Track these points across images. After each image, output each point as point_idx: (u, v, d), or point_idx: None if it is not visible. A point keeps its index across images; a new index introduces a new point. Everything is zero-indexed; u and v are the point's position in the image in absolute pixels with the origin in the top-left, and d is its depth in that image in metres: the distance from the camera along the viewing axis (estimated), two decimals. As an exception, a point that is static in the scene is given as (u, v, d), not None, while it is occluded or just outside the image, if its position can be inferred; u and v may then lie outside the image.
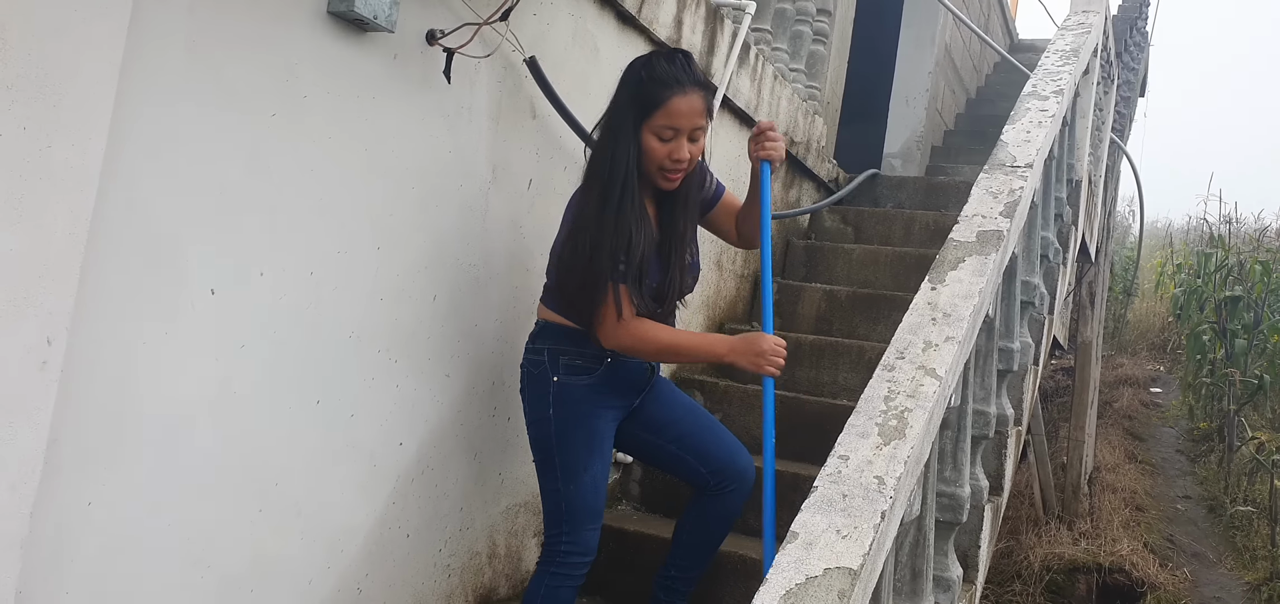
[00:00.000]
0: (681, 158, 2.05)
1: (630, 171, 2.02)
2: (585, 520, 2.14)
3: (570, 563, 2.14)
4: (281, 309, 1.88)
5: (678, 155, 2.04)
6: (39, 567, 1.51)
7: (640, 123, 2.03)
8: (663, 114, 2.02)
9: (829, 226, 4.57)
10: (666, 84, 2.02)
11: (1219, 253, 8.21)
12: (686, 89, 2.02)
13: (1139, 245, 8.79)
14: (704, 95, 2.06)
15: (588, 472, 2.14)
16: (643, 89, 2.04)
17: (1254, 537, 5.68)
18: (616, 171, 2.02)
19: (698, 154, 2.09)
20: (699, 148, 2.09)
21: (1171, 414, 8.15)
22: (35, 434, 1.43)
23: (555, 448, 2.14)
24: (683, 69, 2.04)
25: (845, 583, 1.33)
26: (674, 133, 2.03)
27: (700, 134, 2.07)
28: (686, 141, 2.05)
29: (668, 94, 2.02)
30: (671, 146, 2.04)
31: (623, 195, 2.00)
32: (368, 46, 1.99)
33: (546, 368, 2.14)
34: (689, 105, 2.03)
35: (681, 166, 2.06)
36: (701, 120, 2.05)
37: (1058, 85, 3.17)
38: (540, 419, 2.16)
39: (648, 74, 2.05)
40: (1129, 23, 6.54)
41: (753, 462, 2.33)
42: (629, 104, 2.05)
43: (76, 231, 1.44)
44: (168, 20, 1.59)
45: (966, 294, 2.03)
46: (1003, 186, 2.49)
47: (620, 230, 2.00)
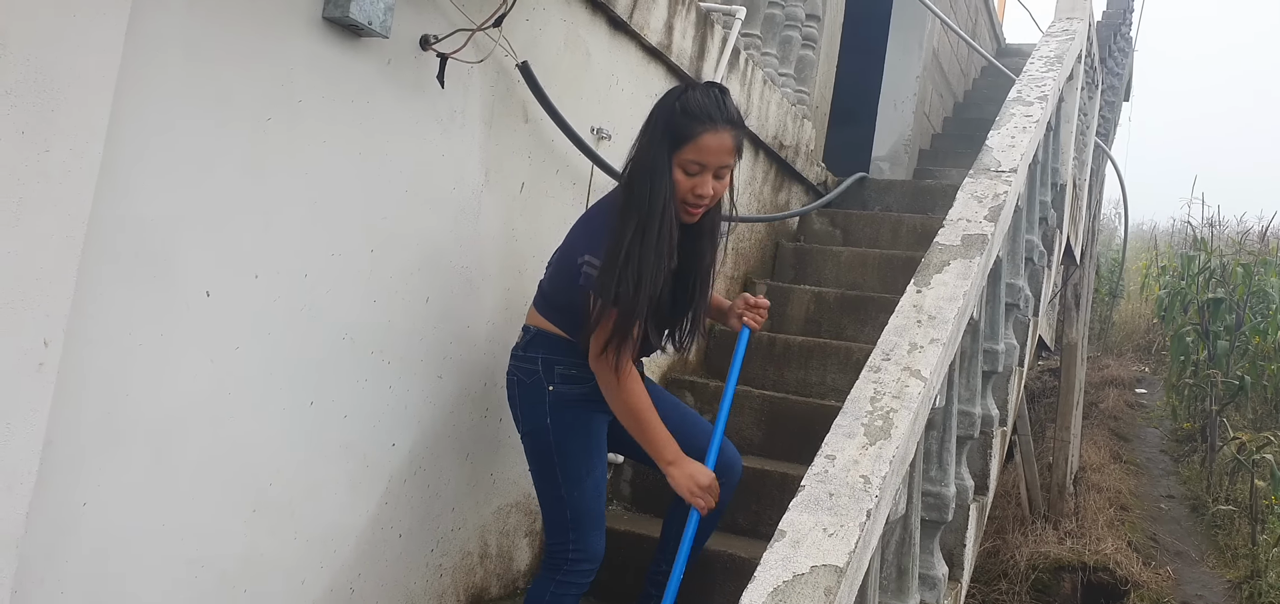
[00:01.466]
0: (705, 194, 2.00)
1: (669, 206, 1.97)
2: (591, 526, 2.15)
3: (579, 570, 2.15)
4: (276, 311, 1.90)
5: (701, 191, 1.99)
6: (35, 567, 1.53)
7: (671, 154, 1.98)
8: (692, 148, 1.96)
9: (817, 229, 4.60)
10: (700, 119, 1.96)
11: (1202, 256, 8.31)
12: (719, 127, 1.97)
13: (1124, 248, 8.87)
14: (735, 133, 2.00)
15: (591, 476, 2.14)
16: (675, 120, 1.98)
17: (1235, 535, 5.76)
18: (655, 206, 1.96)
19: (722, 191, 2.04)
20: (724, 185, 2.04)
21: (1156, 415, 8.24)
22: (31, 435, 1.44)
23: (556, 457, 2.13)
24: (717, 105, 1.99)
25: (831, 580, 1.36)
26: (700, 168, 1.98)
27: (726, 172, 2.02)
28: (712, 178, 1.99)
29: (700, 129, 1.96)
30: (696, 181, 1.99)
31: (660, 231, 1.95)
32: (362, 52, 2.01)
33: (541, 377, 2.13)
34: (719, 143, 1.97)
35: (704, 202, 2.02)
36: (730, 158, 2.00)
37: (1042, 91, 3.21)
38: (537, 430, 2.15)
39: (682, 106, 1.99)
40: (1113, 28, 6.61)
41: (739, 456, 2.34)
42: (663, 134, 1.99)
43: (73, 234, 1.46)
44: (165, 26, 1.60)
45: (951, 297, 2.06)
46: (987, 191, 2.53)
47: (657, 267, 1.96)
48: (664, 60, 3.18)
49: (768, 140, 4.10)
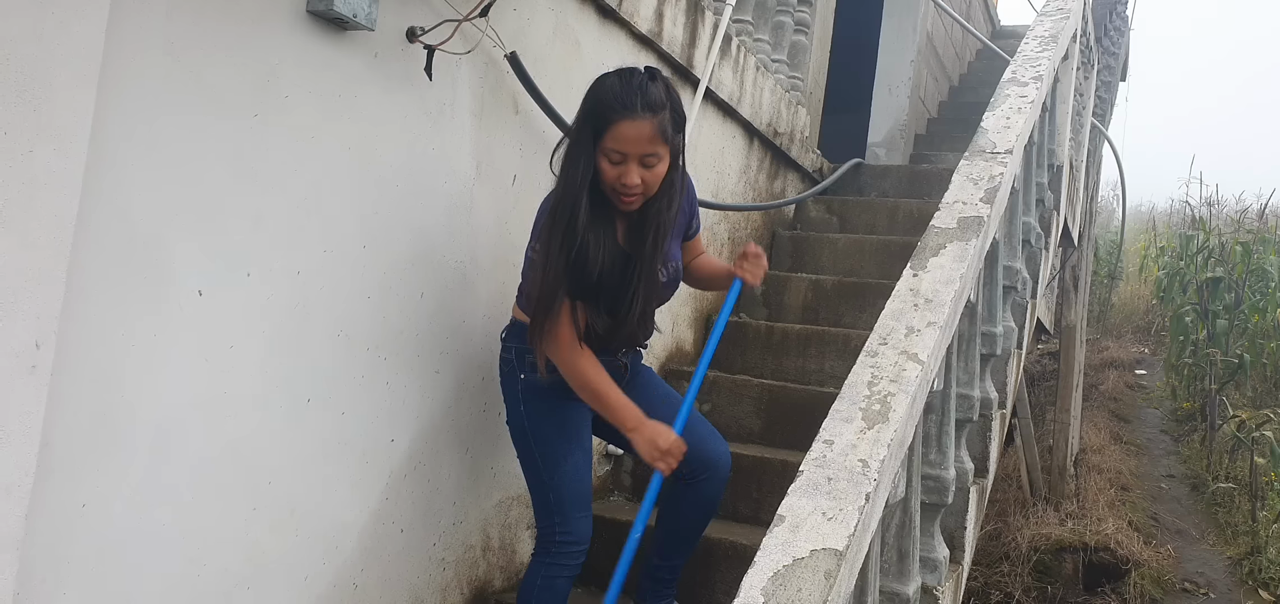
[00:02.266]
0: (630, 184, 1.94)
1: (580, 191, 1.94)
2: (574, 508, 2.16)
3: (566, 552, 2.17)
4: (269, 309, 1.89)
5: (625, 180, 1.94)
6: (36, 568, 1.52)
7: (595, 141, 1.95)
8: (611, 137, 1.92)
9: (814, 216, 4.59)
10: (613, 107, 1.92)
11: (1201, 235, 8.30)
12: (636, 114, 1.90)
13: (1122, 229, 8.86)
14: (656, 120, 1.92)
15: (568, 460, 2.16)
16: (595, 109, 1.95)
17: (1235, 513, 5.77)
18: (568, 190, 1.96)
19: (654, 180, 1.97)
20: (655, 174, 1.96)
21: (1156, 395, 8.24)
22: (27, 437, 1.44)
23: (533, 443, 2.17)
24: (637, 91, 1.92)
25: (831, 563, 1.36)
26: (622, 156, 1.93)
27: (654, 161, 1.95)
28: (637, 166, 1.93)
29: (614, 118, 1.91)
30: (620, 171, 1.94)
31: (571, 215, 1.94)
32: (348, 45, 2.00)
33: (514, 366, 2.17)
34: (636, 132, 1.91)
35: (633, 191, 1.95)
36: (652, 147, 1.93)
37: (1037, 71, 3.20)
38: (515, 417, 2.20)
39: (602, 92, 1.96)
40: (1109, 7, 6.59)
41: (727, 449, 2.32)
42: (584, 122, 1.97)
43: (61, 235, 1.45)
44: (146, 24, 1.59)
45: (948, 280, 2.06)
46: (983, 173, 2.52)
47: (568, 249, 1.95)
48: (655, 48, 3.16)
49: (762, 128, 4.09)
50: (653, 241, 2.04)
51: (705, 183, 3.68)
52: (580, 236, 1.95)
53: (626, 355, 2.25)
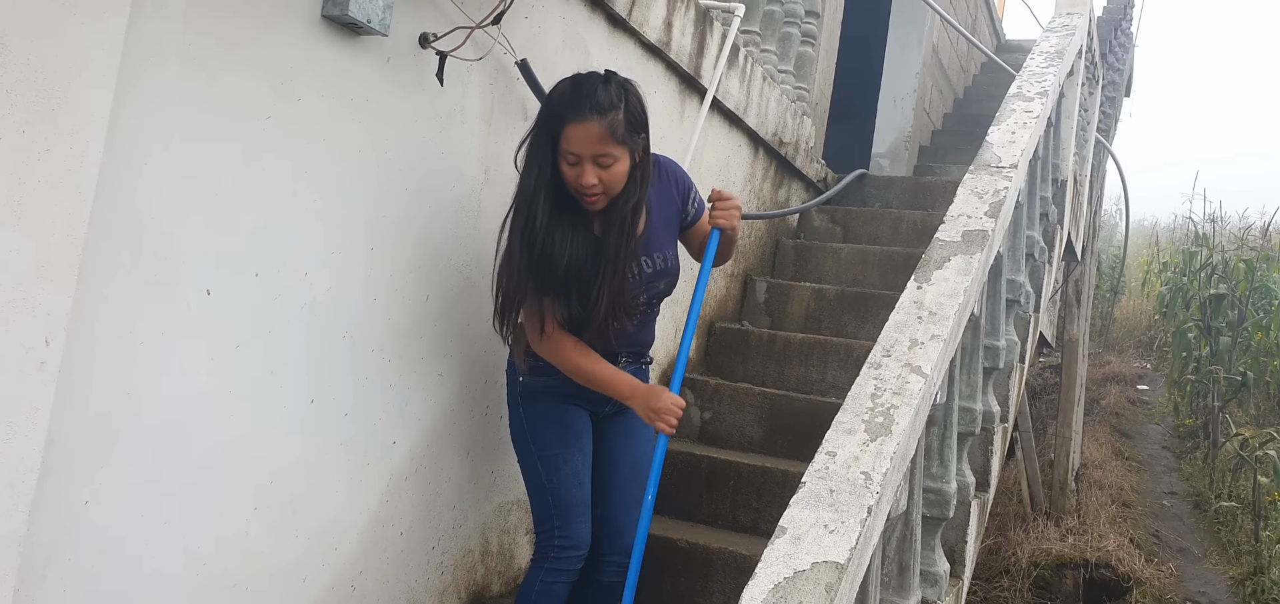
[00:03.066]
0: (587, 184, 1.99)
1: (536, 192, 2.01)
2: (573, 513, 2.17)
3: (565, 557, 2.17)
4: (276, 309, 1.90)
5: (582, 181, 1.98)
6: (37, 565, 1.53)
7: (553, 145, 2.01)
8: (564, 139, 1.98)
9: (818, 226, 4.60)
10: (563, 112, 1.98)
11: (1204, 251, 8.29)
12: (583, 116, 1.96)
13: (1125, 244, 8.86)
14: (605, 122, 1.96)
15: (568, 464, 2.17)
16: (549, 112, 2.02)
17: (1238, 532, 5.76)
18: (525, 192, 2.04)
19: (612, 180, 2.01)
20: (612, 174, 2.00)
21: (1158, 411, 8.23)
22: (33, 433, 1.44)
23: (532, 445, 2.20)
24: (585, 95, 1.98)
25: (832, 576, 1.36)
26: (577, 158, 1.98)
27: (609, 161, 1.99)
28: (592, 167, 1.98)
29: (565, 121, 1.98)
30: (576, 172, 1.99)
31: (529, 214, 2.01)
32: (361, 50, 2.01)
33: (516, 368, 2.22)
34: (584, 133, 1.96)
35: (592, 191, 2.00)
36: (602, 147, 1.97)
37: (1042, 86, 3.21)
38: (514, 419, 2.24)
39: (554, 97, 2.03)
40: (1113, 24, 6.60)
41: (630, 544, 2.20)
42: (542, 126, 2.04)
43: (74, 233, 1.46)
44: (164, 26, 1.61)
45: (952, 293, 2.06)
46: (988, 187, 2.53)
47: (530, 247, 2.01)
48: (663, 57, 3.17)
49: (767, 137, 4.10)
50: (617, 237, 2.06)
51: (710, 190, 3.68)
52: (541, 234, 2.01)
53: (627, 365, 2.24)
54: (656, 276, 2.20)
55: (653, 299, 2.24)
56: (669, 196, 2.25)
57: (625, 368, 2.22)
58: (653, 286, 2.20)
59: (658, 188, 2.22)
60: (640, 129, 2.05)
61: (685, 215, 2.29)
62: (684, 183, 2.29)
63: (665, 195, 2.24)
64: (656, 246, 2.19)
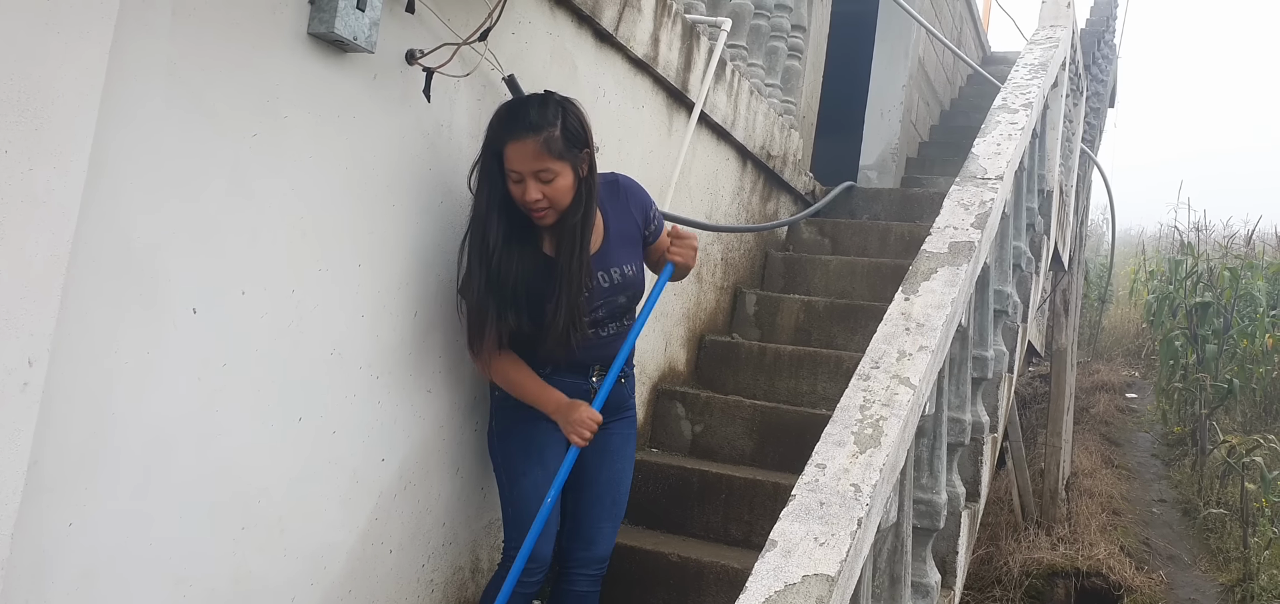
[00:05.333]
0: (531, 200, 2.08)
1: (489, 212, 2.11)
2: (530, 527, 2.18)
3: (521, 569, 2.19)
4: (263, 327, 1.89)
5: (527, 197, 2.08)
6: (20, 588, 1.51)
7: (499, 164, 2.11)
8: (505, 157, 2.09)
9: (807, 238, 4.62)
10: (499, 132, 2.10)
11: (1189, 260, 8.36)
12: (519, 135, 2.07)
13: (1111, 253, 8.92)
14: (540, 139, 2.06)
15: (527, 476, 2.24)
16: (489, 135, 2.14)
17: (1227, 539, 5.78)
18: (478, 213, 2.14)
19: (556, 194, 2.10)
20: (556, 189, 2.09)
21: (1146, 419, 8.27)
22: (16, 455, 1.43)
23: (500, 456, 2.32)
24: (520, 116, 2.09)
25: (823, 589, 1.36)
26: (519, 175, 2.08)
27: (550, 176, 2.08)
28: (534, 182, 2.07)
29: (502, 140, 2.09)
30: (520, 189, 2.09)
31: (483, 234, 2.11)
32: (348, 67, 2.01)
33: (493, 383, 2.31)
34: (521, 151, 2.06)
35: (537, 207, 2.09)
36: (540, 163, 2.06)
37: (1027, 98, 3.24)
38: (489, 430, 2.38)
39: (494, 119, 2.14)
40: (1096, 36, 6.67)
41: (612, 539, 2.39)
42: (486, 146, 2.14)
43: (58, 253, 1.45)
44: (149, 45, 1.60)
45: (939, 304, 2.07)
46: (974, 198, 2.54)
47: (486, 266, 2.11)
48: (650, 72, 3.19)
49: (755, 150, 4.12)
50: (567, 249, 2.15)
51: (699, 204, 3.70)
52: (494, 254, 2.11)
53: (602, 377, 2.30)
54: (614, 290, 2.26)
55: (614, 313, 2.29)
56: (626, 213, 2.32)
57: (598, 379, 2.30)
58: (612, 300, 2.27)
59: (614, 204, 2.30)
60: (580, 144, 2.13)
61: (645, 233, 2.37)
62: (642, 201, 2.36)
63: (622, 211, 2.31)
64: (614, 261, 2.26)
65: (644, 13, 3.06)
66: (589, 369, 2.29)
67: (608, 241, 2.26)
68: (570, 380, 2.27)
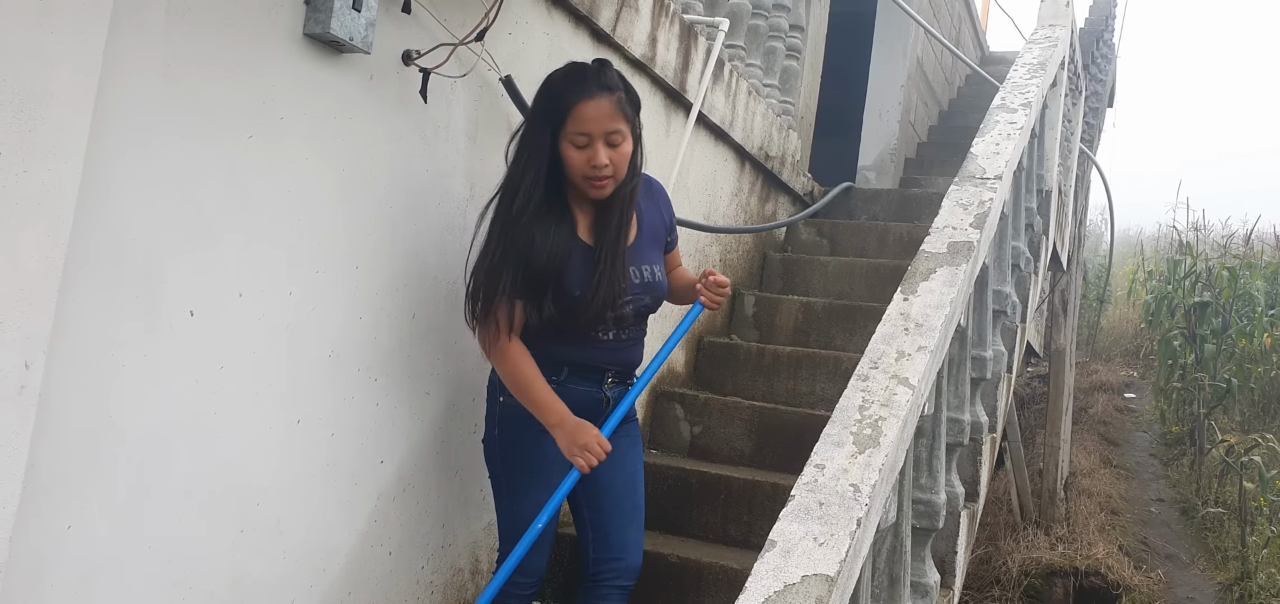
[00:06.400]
0: (600, 163, 2.01)
1: (527, 177, 2.02)
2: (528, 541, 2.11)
3: (515, 583, 2.15)
4: (261, 329, 1.89)
5: (596, 161, 2.01)
6: (18, 591, 1.51)
7: (556, 134, 2.02)
8: (573, 120, 2.00)
9: (805, 239, 4.62)
10: (571, 91, 2.02)
11: (1188, 260, 8.36)
12: (594, 93, 2.00)
13: (1110, 253, 8.93)
14: (614, 99, 2.02)
15: (530, 497, 2.14)
16: (552, 98, 2.04)
17: (1225, 538, 5.78)
18: (512, 180, 2.05)
19: (621, 160, 2.04)
20: (621, 154, 2.04)
21: (1145, 419, 8.27)
22: (13, 459, 1.42)
23: (500, 467, 2.21)
24: (593, 75, 2.03)
25: (823, 590, 1.35)
26: (587, 139, 2.01)
27: (619, 139, 2.03)
28: (603, 146, 2.01)
29: (574, 99, 2.00)
30: (589, 153, 2.01)
31: (515, 202, 2.02)
32: (344, 68, 2.01)
33: (496, 387, 2.20)
34: (597, 109, 2.00)
35: (603, 172, 2.02)
36: (614, 124, 2.01)
37: (1026, 98, 3.24)
38: (488, 438, 2.24)
39: (556, 82, 2.06)
40: (1095, 35, 6.67)
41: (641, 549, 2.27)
42: (543, 116, 2.05)
43: (53, 255, 1.45)
44: (144, 45, 1.60)
45: (938, 304, 2.07)
46: (973, 198, 2.54)
47: (522, 241, 2.01)
48: (648, 73, 3.18)
49: (753, 151, 4.11)
50: (617, 226, 2.08)
51: (697, 205, 3.70)
52: (524, 217, 2.01)
53: (613, 386, 2.21)
54: (643, 289, 2.18)
55: (639, 312, 2.21)
56: (657, 214, 2.27)
57: (611, 390, 2.20)
58: (639, 299, 2.18)
59: (648, 202, 2.24)
60: (638, 110, 2.10)
61: (667, 240, 2.32)
62: (669, 206, 2.32)
63: (654, 212, 2.26)
64: (644, 259, 2.19)
65: (641, 12, 3.06)
66: (604, 376, 2.18)
67: (640, 237, 2.20)
68: (583, 388, 2.16)
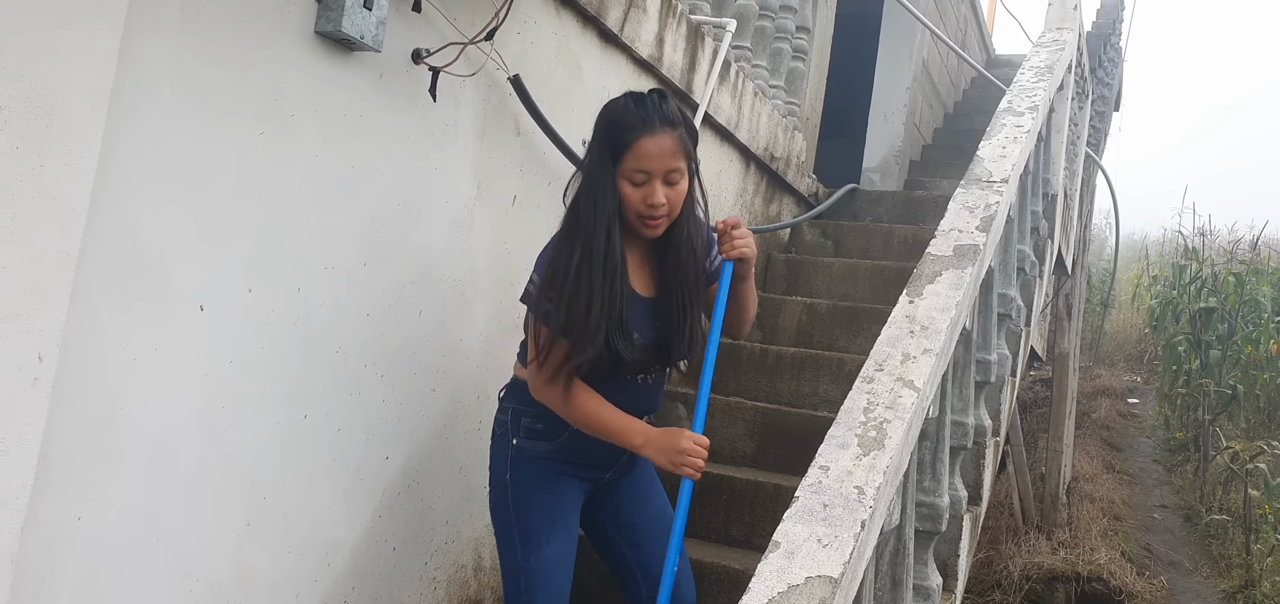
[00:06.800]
0: (658, 203, 1.86)
1: (613, 221, 1.86)
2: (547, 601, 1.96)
3: None
4: (269, 325, 1.90)
5: (653, 200, 1.86)
6: (29, 582, 1.52)
7: (614, 168, 1.87)
8: (632, 156, 1.85)
9: (809, 240, 4.62)
10: (633, 125, 1.85)
11: (1193, 265, 8.34)
12: (656, 129, 1.85)
13: (1115, 258, 8.92)
14: (677, 134, 1.87)
15: (550, 544, 1.97)
16: (611, 133, 1.88)
17: (1229, 545, 5.77)
18: (598, 226, 1.85)
19: (678, 199, 1.90)
20: (678, 192, 1.89)
21: (1148, 424, 8.26)
22: (26, 450, 1.44)
23: (513, 516, 1.99)
24: (654, 108, 1.88)
25: (826, 591, 1.36)
26: (646, 176, 1.85)
27: (677, 177, 1.88)
28: (661, 185, 1.86)
29: (634, 135, 1.85)
30: (646, 191, 1.86)
31: (607, 252, 1.85)
32: (354, 66, 2.02)
33: (508, 429, 2.02)
34: (658, 146, 1.85)
35: (659, 212, 1.87)
36: (675, 162, 1.86)
37: (1032, 101, 3.24)
38: (498, 484, 2.02)
39: (616, 116, 1.90)
40: (1103, 39, 6.67)
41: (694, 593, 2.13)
42: (601, 149, 1.89)
43: (67, 249, 1.46)
44: (158, 43, 1.61)
45: (943, 307, 2.07)
46: (979, 201, 2.54)
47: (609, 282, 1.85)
48: (655, 73, 3.19)
49: (758, 152, 4.12)
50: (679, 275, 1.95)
51: (704, 207, 3.70)
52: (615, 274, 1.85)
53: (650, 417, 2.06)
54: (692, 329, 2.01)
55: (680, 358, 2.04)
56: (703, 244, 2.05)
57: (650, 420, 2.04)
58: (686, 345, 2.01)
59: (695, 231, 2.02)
60: (696, 144, 1.95)
61: (708, 270, 2.06)
62: (709, 233, 2.07)
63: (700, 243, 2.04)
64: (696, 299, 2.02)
65: (649, 13, 3.07)
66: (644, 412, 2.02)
67: None
68: None
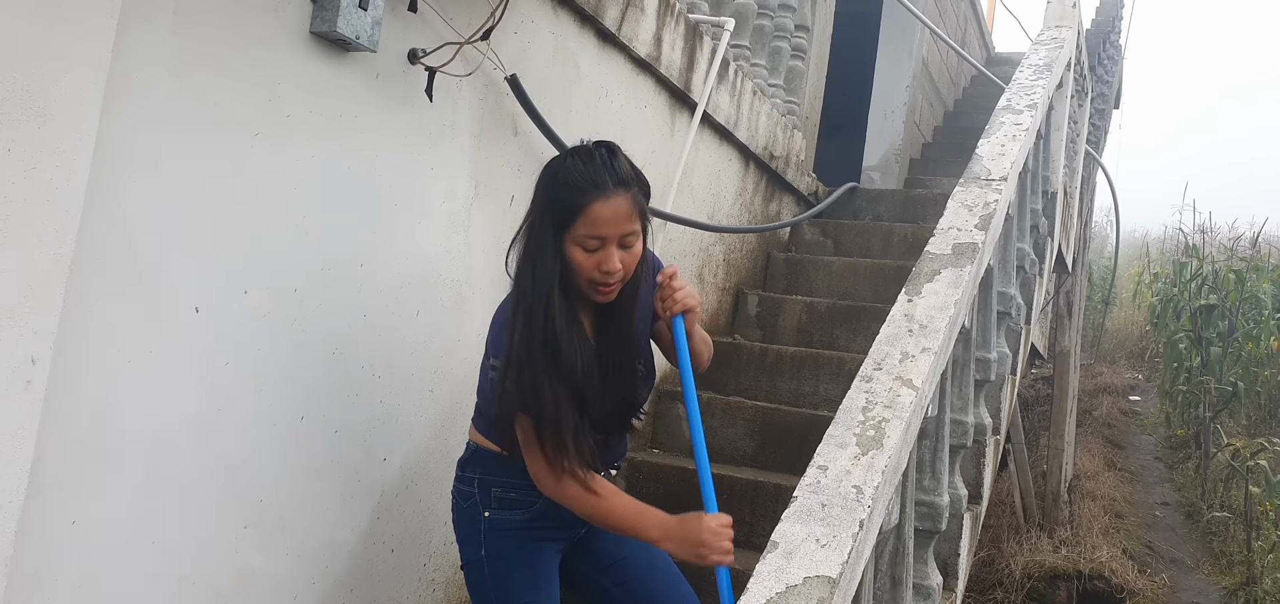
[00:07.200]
0: (612, 270, 1.69)
1: (552, 289, 1.69)
2: None
3: None
4: (265, 326, 1.90)
5: (607, 266, 1.69)
6: (23, 586, 1.52)
7: (561, 233, 1.69)
8: (584, 222, 1.67)
9: (809, 239, 4.61)
10: (583, 188, 1.67)
11: (1194, 262, 8.33)
12: (609, 191, 1.67)
13: (1115, 255, 8.91)
14: (631, 195, 1.69)
15: None
16: (558, 196, 1.69)
17: (1230, 542, 5.76)
18: (539, 290, 1.68)
19: (632, 262, 1.73)
20: (633, 255, 1.72)
21: (1149, 422, 8.25)
22: (19, 453, 1.43)
23: (493, 591, 1.86)
24: (604, 168, 1.69)
25: (825, 591, 1.35)
26: (600, 242, 1.68)
27: (633, 240, 1.71)
28: (616, 249, 1.69)
29: (586, 200, 1.66)
30: (600, 257, 1.69)
31: (546, 317, 1.68)
32: (350, 66, 2.01)
33: (476, 502, 1.87)
34: (613, 210, 1.67)
35: (613, 279, 1.71)
36: (630, 225, 1.69)
37: (1032, 99, 3.23)
38: (473, 562, 1.88)
39: (563, 178, 1.70)
40: (1102, 36, 6.65)
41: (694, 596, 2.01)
42: (545, 213, 1.70)
43: (61, 251, 1.45)
44: (152, 42, 1.60)
45: (942, 306, 2.06)
46: (978, 200, 2.54)
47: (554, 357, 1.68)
48: (653, 72, 3.18)
49: (758, 151, 4.11)
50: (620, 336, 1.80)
51: (702, 205, 3.70)
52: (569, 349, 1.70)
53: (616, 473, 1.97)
54: (646, 378, 1.91)
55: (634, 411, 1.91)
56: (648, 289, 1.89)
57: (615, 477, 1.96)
58: (642, 390, 1.90)
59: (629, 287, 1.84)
60: (649, 198, 1.77)
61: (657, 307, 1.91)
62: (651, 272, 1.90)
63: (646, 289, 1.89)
64: (642, 347, 1.91)
65: (647, 12, 3.06)
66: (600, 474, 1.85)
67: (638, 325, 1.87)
68: None
